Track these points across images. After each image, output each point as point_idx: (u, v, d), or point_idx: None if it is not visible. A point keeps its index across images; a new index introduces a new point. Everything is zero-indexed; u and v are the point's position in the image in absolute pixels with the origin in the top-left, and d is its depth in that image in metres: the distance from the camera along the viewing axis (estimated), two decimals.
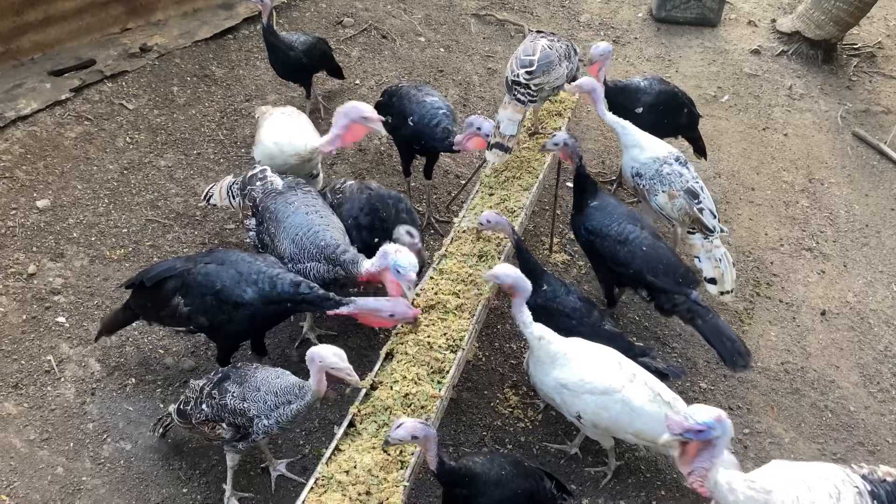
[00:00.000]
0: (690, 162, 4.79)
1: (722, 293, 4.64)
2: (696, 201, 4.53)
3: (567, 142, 4.36)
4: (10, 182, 5.06)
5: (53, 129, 5.47)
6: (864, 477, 3.10)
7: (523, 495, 3.30)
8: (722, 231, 4.65)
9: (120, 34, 6.29)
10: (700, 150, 5.65)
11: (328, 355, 3.25)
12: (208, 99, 5.96)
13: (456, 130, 4.60)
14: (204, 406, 3.43)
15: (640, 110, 5.05)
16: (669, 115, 5.23)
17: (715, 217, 4.59)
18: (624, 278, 4.41)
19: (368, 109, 4.27)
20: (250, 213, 4.16)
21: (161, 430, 3.86)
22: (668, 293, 4.23)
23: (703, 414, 2.83)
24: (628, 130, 4.67)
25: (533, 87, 4.26)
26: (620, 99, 5.04)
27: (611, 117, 4.68)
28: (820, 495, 2.99)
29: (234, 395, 3.37)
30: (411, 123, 4.66)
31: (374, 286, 3.97)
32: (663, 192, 4.57)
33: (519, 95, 4.26)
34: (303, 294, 3.63)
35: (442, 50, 6.85)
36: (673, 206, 4.57)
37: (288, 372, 3.48)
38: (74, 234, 4.84)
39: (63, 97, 5.64)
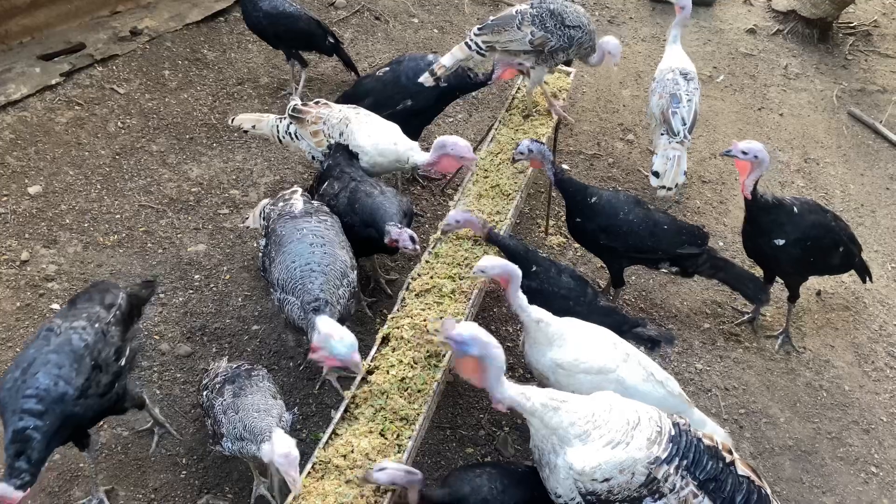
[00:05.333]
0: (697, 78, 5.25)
1: (661, 187, 5.09)
2: (675, 105, 5.03)
3: (531, 147, 4.15)
4: (1, 168, 5.02)
5: (44, 114, 5.42)
6: (676, 425, 3.06)
7: None
8: (686, 139, 5.03)
9: (109, 17, 6.22)
10: (861, 274, 4.80)
11: (279, 451, 2.96)
12: (200, 83, 5.91)
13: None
14: (204, 393, 3.43)
15: (781, 242, 4.32)
16: (819, 252, 4.45)
17: (685, 125, 5.02)
18: (648, 261, 4.49)
19: (466, 150, 4.16)
20: (263, 234, 3.94)
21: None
22: (693, 257, 4.38)
23: (463, 327, 2.97)
24: (675, 47, 5.33)
25: (482, 44, 4.62)
26: (762, 217, 4.34)
27: (671, 41, 5.32)
28: (617, 417, 3.00)
29: (223, 403, 3.26)
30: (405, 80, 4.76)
31: None
32: (658, 92, 5.17)
33: (468, 41, 4.68)
34: None
35: (436, 31, 6.79)
36: (657, 105, 5.14)
37: (275, 412, 3.21)
38: (67, 221, 4.81)
39: (53, 82, 5.58)
